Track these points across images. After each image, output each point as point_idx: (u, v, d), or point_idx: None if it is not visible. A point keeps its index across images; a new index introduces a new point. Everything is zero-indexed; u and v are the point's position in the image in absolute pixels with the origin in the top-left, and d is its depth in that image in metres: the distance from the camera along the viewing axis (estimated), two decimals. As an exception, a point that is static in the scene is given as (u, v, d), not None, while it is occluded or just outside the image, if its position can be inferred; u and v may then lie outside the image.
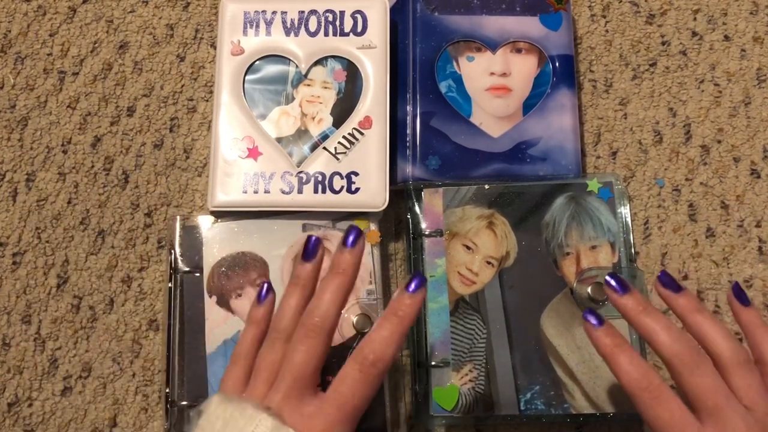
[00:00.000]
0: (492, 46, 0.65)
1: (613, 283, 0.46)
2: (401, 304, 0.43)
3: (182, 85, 0.67)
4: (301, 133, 0.63)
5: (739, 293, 0.48)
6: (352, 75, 0.64)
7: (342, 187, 0.61)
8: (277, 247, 0.61)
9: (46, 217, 0.64)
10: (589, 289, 0.59)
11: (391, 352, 0.42)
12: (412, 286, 0.43)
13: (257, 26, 0.64)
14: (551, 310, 0.59)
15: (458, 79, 0.65)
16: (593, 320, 0.46)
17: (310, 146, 0.62)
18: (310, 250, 0.46)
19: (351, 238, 0.45)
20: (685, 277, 0.64)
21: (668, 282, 0.46)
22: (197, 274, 0.60)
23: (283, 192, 0.61)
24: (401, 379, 0.61)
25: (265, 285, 0.49)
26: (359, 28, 0.64)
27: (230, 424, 0.40)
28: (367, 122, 0.62)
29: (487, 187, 0.62)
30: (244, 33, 0.64)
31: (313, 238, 0.46)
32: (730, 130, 0.67)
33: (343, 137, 0.62)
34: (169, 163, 0.65)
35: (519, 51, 0.66)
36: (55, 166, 0.65)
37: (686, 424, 0.42)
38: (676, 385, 0.44)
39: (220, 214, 0.61)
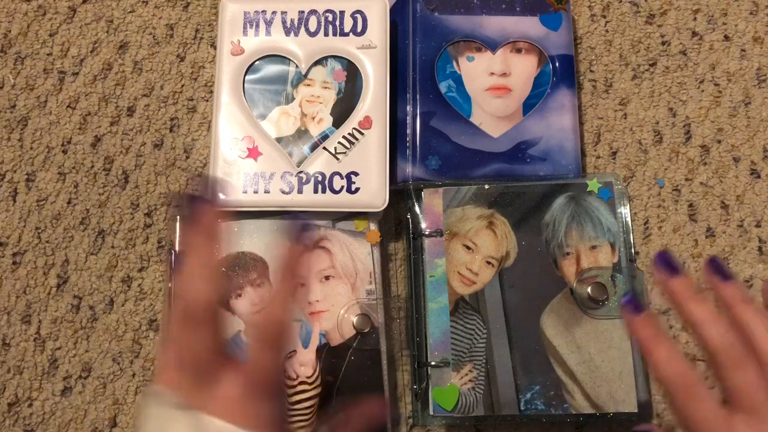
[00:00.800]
0: (492, 46, 0.65)
1: (662, 263, 0.44)
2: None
3: (182, 85, 0.67)
4: (301, 133, 0.63)
5: (717, 268, 0.45)
6: (352, 75, 0.64)
7: (342, 187, 0.61)
8: (277, 247, 0.61)
9: (46, 217, 0.64)
10: (589, 289, 0.59)
11: (287, 318, 0.40)
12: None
13: (257, 26, 0.64)
14: (551, 310, 0.59)
15: (458, 79, 0.65)
16: (632, 308, 0.44)
17: (310, 146, 0.62)
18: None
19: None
20: (685, 277, 0.64)
21: (717, 268, 0.44)
22: (197, 274, 0.60)
23: (283, 192, 0.61)
24: (401, 379, 0.61)
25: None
26: (359, 28, 0.64)
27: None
28: (367, 122, 0.62)
29: (487, 187, 0.62)
30: (244, 33, 0.64)
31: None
32: (730, 130, 0.67)
33: (343, 137, 0.62)
34: (169, 163, 0.65)
35: (519, 51, 0.66)
36: (55, 166, 0.65)
37: (720, 424, 0.41)
38: (717, 378, 0.43)
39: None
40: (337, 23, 0.64)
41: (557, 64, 0.65)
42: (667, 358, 0.43)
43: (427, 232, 0.61)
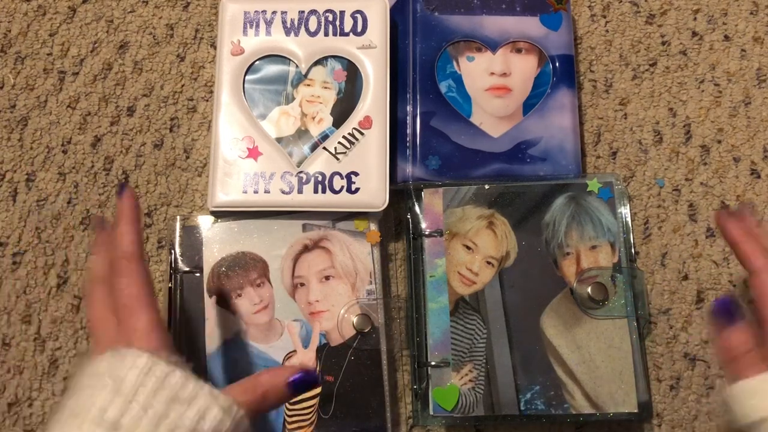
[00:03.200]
0: (492, 46, 0.65)
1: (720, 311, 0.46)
2: (119, 208, 0.48)
3: (182, 85, 0.67)
4: (301, 133, 0.63)
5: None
6: (352, 75, 0.64)
7: (342, 187, 0.61)
8: (277, 247, 0.61)
9: (46, 217, 0.64)
10: (589, 289, 0.59)
11: (129, 241, 0.46)
12: (121, 193, 0.48)
13: (257, 26, 0.64)
14: (551, 310, 0.59)
15: (458, 79, 0.65)
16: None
17: (310, 146, 0.62)
18: (97, 224, 0.51)
19: (120, 193, 0.48)
20: (686, 277, 0.64)
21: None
22: (197, 274, 0.60)
23: (283, 192, 0.61)
24: (401, 379, 0.61)
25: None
26: (359, 28, 0.64)
27: (78, 383, 0.42)
28: (367, 122, 0.62)
29: (487, 187, 0.62)
30: (244, 33, 0.64)
31: (97, 219, 0.51)
32: (730, 130, 0.67)
33: (343, 137, 0.62)
34: (169, 163, 0.65)
35: (519, 51, 0.66)
36: (55, 166, 0.65)
37: None
38: None
39: (220, 214, 0.61)
40: (337, 23, 0.64)
41: (557, 64, 0.65)
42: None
43: (427, 232, 0.61)
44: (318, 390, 0.58)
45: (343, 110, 0.63)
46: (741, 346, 0.45)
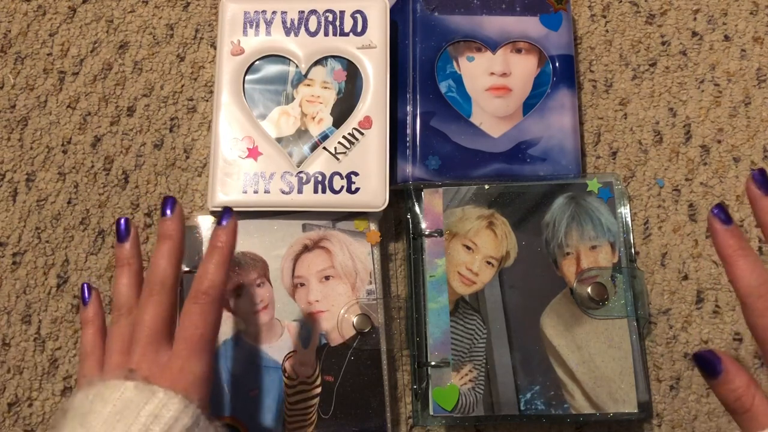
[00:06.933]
0: (492, 46, 0.65)
1: (757, 178, 0.44)
2: (218, 237, 0.46)
3: (182, 85, 0.67)
4: (301, 133, 0.63)
5: (762, 180, 0.44)
6: (352, 75, 0.64)
7: (342, 187, 0.61)
8: (277, 247, 0.61)
9: (46, 217, 0.64)
10: (589, 289, 0.59)
11: (219, 278, 0.45)
12: (224, 220, 0.47)
13: (257, 26, 0.64)
14: (551, 310, 0.59)
15: (458, 79, 0.65)
16: (722, 217, 0.43)
17: (310, 146, 0.62)
18: (123, 231, 0.49)
19: (167, 209, 0.47)
20: (686, 277, 0.64)
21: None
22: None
23: (283, 192, 0.61)
24: (401, 379, 0.61)
25: (85, 287, 0.50)
26: (359, 28, 0.64)
27: (96, 400, 0.40)
28: (367, 122, 0.62)
29: (487, 187, 0.62)
30: (244, 33, 0.64)
31: (122, 219, 0.49)
32: (730, 130, 0.67)
33: (343, 137, 0.62)
34: (169, 163, 0.65)
35: (519, 51, 0.66)
36: (55, 166, 0.65)
37: None
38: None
39: (220, 214, 0.61)
40: (337, 23, 0.64)
41: (557, 64, 0.65)
42: (751, 267, 0.42)
43: (427, 232, 0.61)
44: (318, 390, 0.58)
45: (343, 110, 0.63)
46: (745, 392, 0.41)
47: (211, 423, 0.41)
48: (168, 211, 0.47)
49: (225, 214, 0.47)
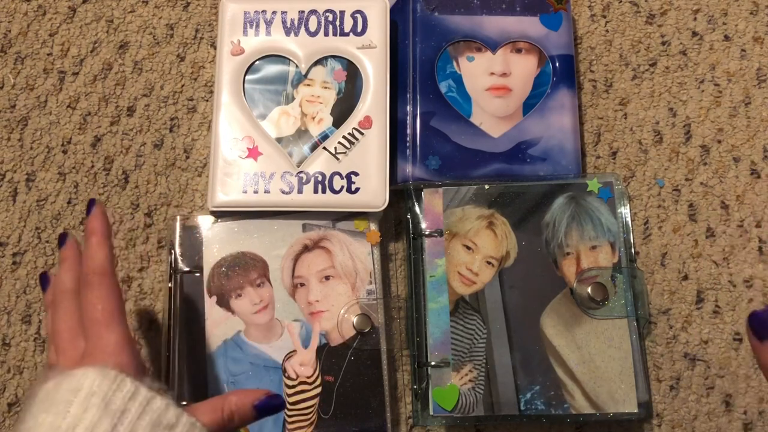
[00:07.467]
0: (492, 46, 0.65)
1: (755, 326, 0.43)
2: (89, 225, 0.48)
3: (182, 85, 0.67)
4: (301, 133, 0.63)
5: (759, 327, 0.43)
6: (352, 75, 0.64)
7: (342, 187, 0.61)
8: (277, 247, 0.61)
9: (46, 217, 0.64)
10: (589, 289, 0.59)
11: (101, 255, 0.47)
12: (90, 211, 0.49)
13: (257, 26, 0.64)
14: (551, 310, 0.59)
15: (458, 79, 0.65)
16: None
17: (310, 146, 0.62)
18: (62, 239, 0.52)
19: (89, 210, 0.50)
20: (686, 277, 0.64)
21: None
22: (197, 274, 0.60)
23: (283, 192, 0.61)
24: (401, 379, 0.61)
25: (43, 277, 0.53)
26: (359, 28, 0.64)
27: (54, 397, 0.41)
28: (367, 122, 0.62)
29: (487, 187, 0.62)
30: (244, 33, 0.64)
31: (62, 234, 0.52)
32: (730, 130, 0.67)
33: (343, 137, 0.62)
34: (169, 163, 0.65)
35: (519, 51, 0.66)
36: (55, 166, 0.65)
37: None
38: None
39: (220, 214, 0.61)
40: (337, 23, 0.64)
41: (557, 64, 0.65)
42: None
43: (427, 232, 0.61)
44: (318, 390, 0.58)
45: (343, 110, 0.63)
46: None
47: (141, 383, 0.41)
48: (90, 212, 0.49)
49: (89, 206, 0.50)
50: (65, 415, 0.39)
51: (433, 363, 0.58)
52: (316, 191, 0.61)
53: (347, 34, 0.64)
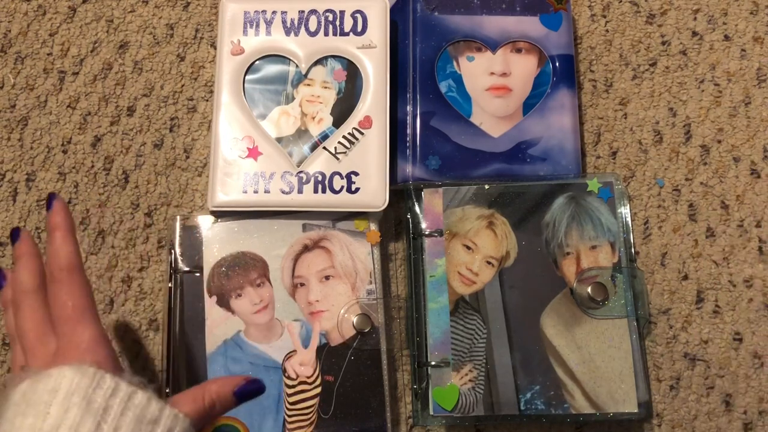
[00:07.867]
0: (492, 46, 0.65)
1: None
2: (51, 221, 0.47)
3: (182, 85, 0.67)
4: (301, 132, 0.63)
5: None
6: (352, 75, 0.64)
7: (342, 187, 0.61)
8: (277, 247, 0.61)
9: (46, 217, 0.63)
10: (589, 289, 0.59)
11: (67, 250, 0.46)
12: (50, 206, 0.48)
13: (257, 26, 0.64)
14: (551, 310, 0.59)
15: (458, 79, 0.65)
16: None
17: (310, 146, 0.62)
18: (15, 234, 0.50)
19: (49, 205, 0.48)
20: (686, 277, 0.64)
21: None
22: (197, 274, 0.60)
23: (283, 192, 0.61)
24: (401, 379, 0.61)
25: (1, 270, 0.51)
26: (359, 28, 0.64)
27: (31, 398, 0.40)
28: (367, 122, 0.62)
29: (487, 187, 0.62)
30: (244, 33, 0.64)
31: (14, 229, 0.50)
32: (730, 130, 0.67)
33: (343, 137, 0.62)
34: (169, 163, 0.65)
35: (519, 51, 0.66)
36: (55, 166, 0.65)
37: None
38: None
39: (220, 214, 0.61)
40: (337, 23, 0.64)
41: (557, 64, 0.65)
42: None
43: (427, 232, 0.61)
44: (318, 390, 0.58)
45: (343, 110, 0.63)
46: None
47: (121, 378, 0.41)
48: (50, 207, 0.48)
49: (49, 201, 0.48)
50: (45, 416, 0.38)
51: (433, 363, 0.58)
52: (316, 191, 0.61)
53: (347, 34, 0.64)
